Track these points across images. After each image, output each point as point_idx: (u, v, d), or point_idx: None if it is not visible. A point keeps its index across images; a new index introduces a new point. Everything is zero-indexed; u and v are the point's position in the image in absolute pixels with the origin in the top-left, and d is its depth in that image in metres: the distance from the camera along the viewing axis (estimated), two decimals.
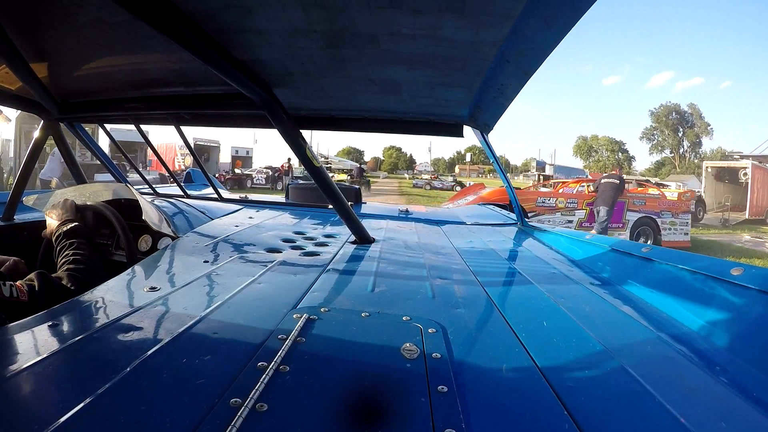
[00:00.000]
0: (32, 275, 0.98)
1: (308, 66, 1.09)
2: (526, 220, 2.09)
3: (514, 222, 2.18)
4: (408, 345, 0.65)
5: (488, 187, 10.68)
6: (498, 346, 0.70)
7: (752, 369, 0.64)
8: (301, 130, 1.38)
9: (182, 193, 2.34)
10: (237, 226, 1.63)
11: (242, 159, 26.54)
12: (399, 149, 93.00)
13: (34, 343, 0.61)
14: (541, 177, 36.32)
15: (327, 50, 0.97)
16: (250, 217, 1.86)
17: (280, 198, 3.14)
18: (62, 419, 0.44)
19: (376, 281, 1.01)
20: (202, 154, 22.54)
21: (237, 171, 21.89)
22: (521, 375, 0.60)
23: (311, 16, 0.81)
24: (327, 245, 1.39)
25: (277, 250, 1.28)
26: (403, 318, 0.77)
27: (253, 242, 1.37)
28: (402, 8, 0.75)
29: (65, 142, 1.80)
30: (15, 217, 1.66)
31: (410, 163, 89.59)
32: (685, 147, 54.58)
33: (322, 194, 1.45)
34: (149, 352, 0.59)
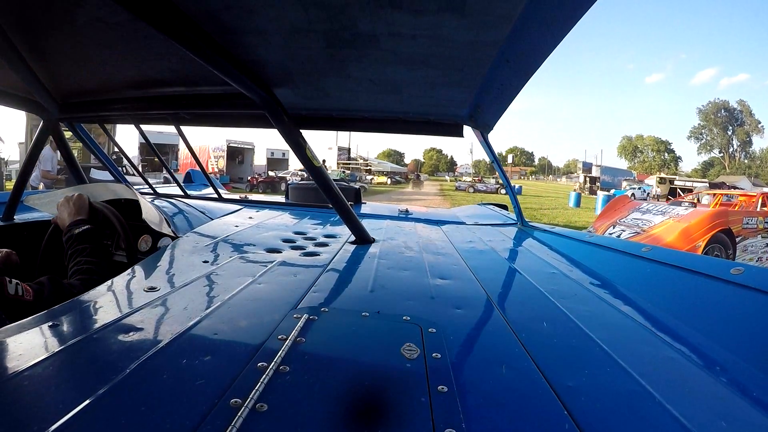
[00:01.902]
0: (43, 279, 0.97)
1: (308, 66, 1.09)
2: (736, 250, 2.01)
3: (514, 222, 2.18)
4: (408, 345, 0.65)
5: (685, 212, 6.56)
6: (498, 346, 0.70)
7: (752, 369, 0.64)
8: (301, 130, 1.38)
9: (182, 193, 2.35)
10: (237, 226, 1.63)
11: (278, 161, 26.24)
12: (439, 151, 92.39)
13: (34, 343, 0.61)
14: (588, 179, 36.04)
15: (327, 50, 0.97)
16: (250, 217, 1.86)
17: (280, 198, 3.14)
18: (62, 419, 0.44)
19: (376, 281, 1.01)
20: (236, 156, 22.22)
21: (271, 173, 21.19)
22: (521, 375, 0.60)
23: (311, 16, 0.81)
24: (327, 245, 1.39)
25: (277, 250, 1.28)
26: (403, 318, 0.77)
27: (253, 242, 1.37)
28: (402, 8, 0.75)
29: (65, 142, 1.81)
30: (15, 217, 1.66)
31: (451, 165, 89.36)
32: (735, 146, 53.35)
33: (322, 194, 1.45)
34: (149, 353, 0.59)
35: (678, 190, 17.03)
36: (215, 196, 2.41)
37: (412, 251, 1.40)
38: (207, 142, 21.94)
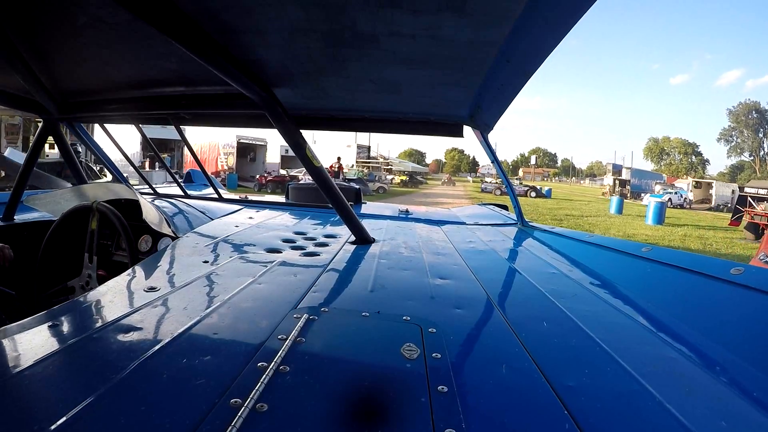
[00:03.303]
0: None
1: (308, 66, 1.09)
2: None
3: (514, 222, 2.18)
4: (408, 345, 0.65)
5: None
6: (498, 346, 0.70)
7: (752, 369, 0.64)
8: (301, 130, 1.38)
9: (182, 193, 2.35)
10: (237, 226, 1.63)
11: (292, 159, 23.22)
12: (461, 151, 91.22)
13: (34, 342, 0.61)
14: (618, 181, 34.22)
15: (327, 50, 0.97)
16: (250, 217, 1.86)
17: (280, 198, 3.14)
18: (63, 418, 0.44)
19: (376, 281, 1.01)
20: (247, 153, 21.03)
21: (282, 172, 19.98)
22: (521, 375, 0.60)
23: (311, 15, 0.81)
24: (327, 245, 1.39)
25: (277, 251, 1.28)
26: (403, 318, 0.77)
27: (253, 242, 1.37)
28: (402, 8, 0.75)
29: (65, 141, 1.81)
30: (15, 217, 1.66)
31: (473, 166, 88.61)
32: (766, 149, 52.04)
33: (323, 194, 1.45)
34: (149, 353, 0.59)
35: (749, 198, 13.97)
36: (215, 196, 2.41)
37: (413, 251, 1.40)
38: (217, 138, 20.73)
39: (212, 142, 20.00)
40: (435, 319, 0.77)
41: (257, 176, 18.40)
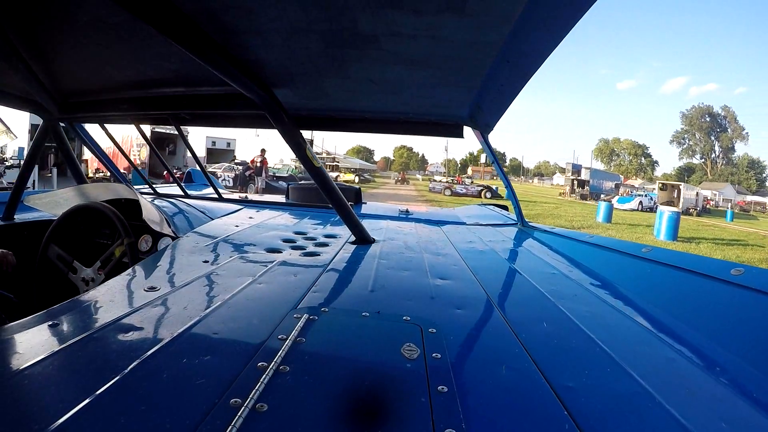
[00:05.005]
0: None
1: (308, 66, 1.09)
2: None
3: (514, 222, 2.18)
4: (408, 345, 0.65)
5: None
6: (498, 346, 0.70)
7: (752, 369, 0.64)
8: (301, 130, 1.38)
9: (182, 193, 2.35)
10: (237, 226, 1.63)
11: (221, 152, 20.22)
12: (410, 149, 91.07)
13: (34, 342, 0.61)
14: (576, 182, 33.18)
15: (327, 50, 0.97)
16: (250, 217, 1.86)
17: (280, 198, 3.14)
18: (63, 418, 0.44)
19: (376, 281, 1.01)
20: (165, 145, 17.15)
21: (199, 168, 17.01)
22: (521, 375, 0.60)
23: (311, 16, 0.81)
24: (327, 245, 1.39)
25: (278, 251, 1.28)
26: (403, 318, 0.77)
27: (254, 242, 1.37)
28: (402, 8, 0.75)
29: (65, 141, 1.80)
30: (15, 216, 1.66)
31: (422, 163, 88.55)
32: (717, 152, 53.44)
33: (322, 194, 1.45)
34: (149, 352, 0.59)
35: None
36: (215, 196, 2.41)
37: (413, 251, 1.40)
38: (129, 132, 15.15)
39: (125, 135, 15.36)
40: (435, 319, 0.78)
41: (165, 173, 14.66)
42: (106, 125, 1.95)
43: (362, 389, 0.54)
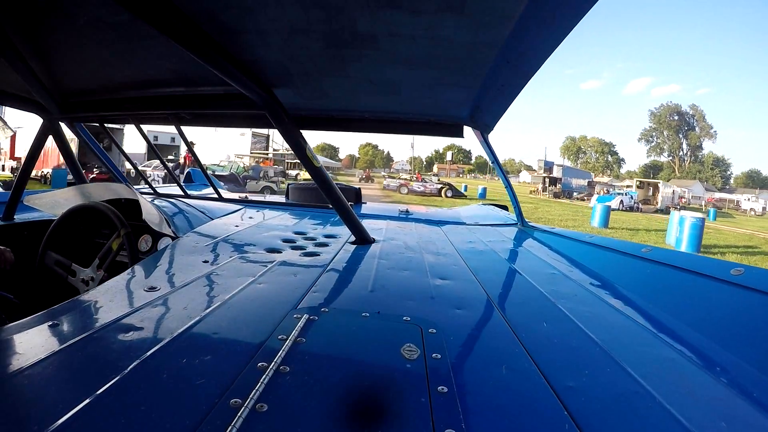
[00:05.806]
0: None
1: (308, 66, 1.09)
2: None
3: (514, 222, 2.18)
4: (408, 345, 0.65)
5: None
6: (498, 346, 0.70)
7: (752, 369, 0.64)
8: (301, 130, 1.38)
9: (182, 193, 2.35)
10: (237, 226, 1.63)
11: (164, 148, 18.54)
12: (375, 146, 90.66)
13: (34, 342, 0.61)
14: (548, 179, 32.47)
15: (327, 50, 0.97)
16: (250, 217, 1.86)
17: (280, 198, 3.14)
18: (63, 418, 0.44)
19: (376, 282, 1.01)
20: (99, 140, 12.58)
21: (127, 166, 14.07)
22: (521, 375, 0.60)
23: (311, 16, 0.81)
24: (327, 245, 1.39)
25: (277, 251, 1.28)
26: (403, 318, 0.77)
27: (253, 242, 1.37)
28: (402, 8, 0.75)
29: (65, 141, 1.80)
30: (15, 216, 1.66)
31: (387, 161, 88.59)
32: (685, 150, 54.16)
33: (322, 194, 1.45)
34: (149, 352, 0.59)
35: None
36: (215, 196, 2.41)
37: (412, 251, 1.40)
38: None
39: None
40: (435, 319, 0.78)
41: (90, 174, 11.63)
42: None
43: (362, 389, 0.54)
